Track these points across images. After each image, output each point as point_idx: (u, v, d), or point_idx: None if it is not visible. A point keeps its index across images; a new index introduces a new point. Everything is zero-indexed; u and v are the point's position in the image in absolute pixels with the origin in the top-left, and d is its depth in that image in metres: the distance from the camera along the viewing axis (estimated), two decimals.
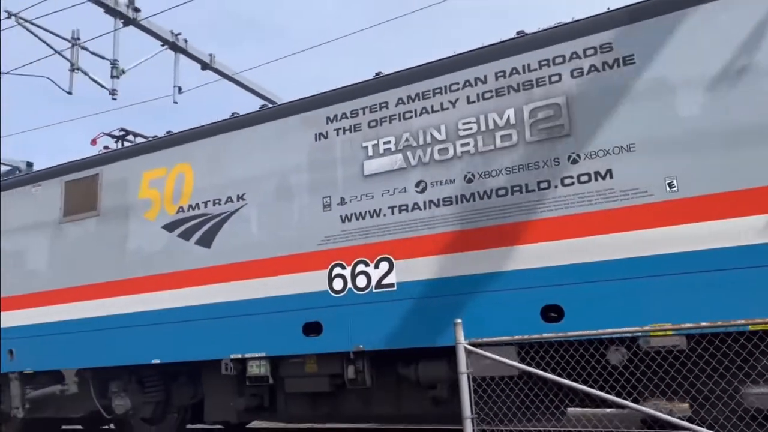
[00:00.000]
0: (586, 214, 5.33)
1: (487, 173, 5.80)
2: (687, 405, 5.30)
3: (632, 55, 5.38)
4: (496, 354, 4.73)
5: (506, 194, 5.68)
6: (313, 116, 6.82)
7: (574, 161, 5.45)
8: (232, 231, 7.07)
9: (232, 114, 7.49)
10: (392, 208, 6.19)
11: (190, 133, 7.75)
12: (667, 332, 4.86)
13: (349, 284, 6.27)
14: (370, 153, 6.41)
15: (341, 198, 6.47)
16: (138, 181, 7.95)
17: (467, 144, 5.93)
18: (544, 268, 5.41)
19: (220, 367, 6.88)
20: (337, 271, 6.36)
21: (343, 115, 6.64)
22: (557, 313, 5.32)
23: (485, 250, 5.67)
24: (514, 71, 5.86)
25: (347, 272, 6.30)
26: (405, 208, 6.13)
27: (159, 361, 7.31)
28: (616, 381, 4.84)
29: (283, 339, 6.53)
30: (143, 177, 7.92)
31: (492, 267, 5.61)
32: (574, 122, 5.51)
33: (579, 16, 5.81)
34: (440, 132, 6.09)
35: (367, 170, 6.38)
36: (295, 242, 6.63)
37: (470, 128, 5.95)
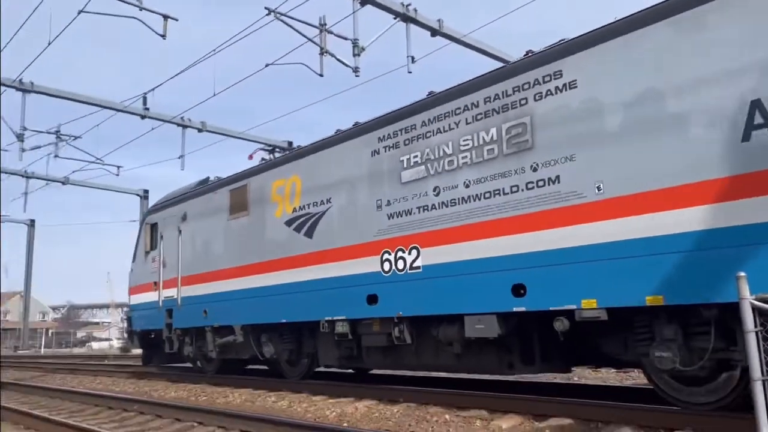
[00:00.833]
0: (541, 212, 6.68)
1: (477, 180, 7.37)
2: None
3: (575, 80, 6.52)
4: None
5: (490, 197, 7.21)
6: (369, 137, 8.89)
7: (534, 169, 6.80)
8: (324, 226, 9.51)
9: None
10: (419, 208, 8.05)
11: (297, 153, 10.33)
12: (592, 305, 6.15)
13: (393, 266, 8.31)
14: (404, 165, 8.31)
15: (387, 200, 8.50)
16: (270, 188, 10.78)
17: (466, 157, 7.54)
18: (512, 255, 6.90)
19: (314, 327, 9.45)
20: (385, 256, 8.44)
21: (388, 136, 8.61)
22: (524, 290, 6.81)
23: (473, 242, 7.30)
24: (496, 97, 7.29)
25: (392, 257, 8.35)
26: (426, 208, 7.95)
27: (285, 320, 10.13)
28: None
29: (356, 307, 8.83)
30: (273, 185, 10.73)
31: (478, 254, 7.23)
32: (535, 137, 6.83)
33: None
34: (448, 147, 7.76)
35: (403, 179, 8.30)
36: (359, 234, 8.84)
37: (468, 144, 7.53)
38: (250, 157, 12.61)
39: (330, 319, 9.27)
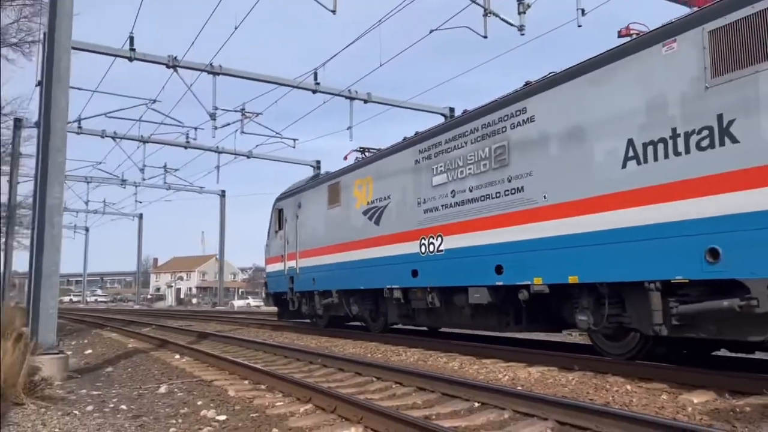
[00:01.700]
0: (513, 213, 9.07)
1: (477, 186, 9.86)
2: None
3: (534, 116, 8.78)
4: None
5: (483, 200, 9.68)
6: (414, 149, 11.62)
7: (509, 180, 9.17)
8: (386, 216, 12.44)
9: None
10: (443, 206, 10.69)
11: (370, 158, 13.34)
12: (539, 282, 8.52)
13: (427, 249, 11.06)
14: (434, 172, 10.96)
15: (424, 199, 11.21)
16: (353, 185, 13.90)
17: (470, 168, 10.04)
18: (495, 243, 9.36)
19: (383, 293, 12.47)
20: (422, 241, 11.20)
21: (425, 149, 11.28)
22: (502, 270, 9.26)
23: (473, 233, 9.83)
24: (489, 124, 9.68)
25: (426, 242, 11.09)
26: (447, 205, 10.57)
27: (363, 287, 13.29)
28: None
29: (405, 279, 11.71)
30: (355, 183, 13.84)
31: (475, 242, 9.76)
32: (510, 157, 9.18)
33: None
34: (460, 161, 10.29)
35: (433, 183, 10.96)
36: (406, 223, 11.66)
37: (471, 158, 10.02)
38: (345, 157, 15.80)
39: (390, 287, 12.25)
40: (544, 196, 8.52)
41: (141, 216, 61.46)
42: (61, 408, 6.44)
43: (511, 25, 12.52)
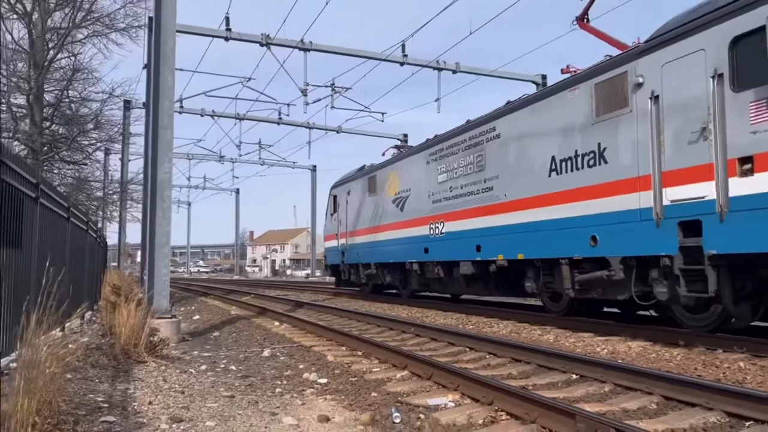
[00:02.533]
0: (486, 206, 12.04)
1: (465, 185, 12.85)
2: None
3: (500, 133, 11.67)
4: None
5: (469, 195, 12.68)
6: (426, 153, 14.70)
7: (484, 181, 12.12)
8: (407, 204, 15.62)
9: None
10: (444, 198, 13.75)
11: (398, 156, 16.52)
12: (501, 258, 11.51)
13: (434, 232, 14.18)
14: (438, 171, 14.00)
15: (432, 192, 14.29)
16: (386, 178, 17.14)
17: (461, 170, 13.03)
18: (476, 228, 12.37)
19: (406, 266, 15.72)
20: (431, 225, 14.31)
21: (432, 153, 14.33)
22: (480, 249, 12.27)
23: (462, 220, 12.87)
24: (475, 136, 12.61)
25: (433, 226, 14.20)
26: (447, 198, 13.63)
27: (393, 261, 16.58)
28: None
29: (420, 255, 14.88)
30: (387, 176, 17.07)
31: (462, 227, 12.79)
32: (486, 163, 12.12)
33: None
34: (455, 164, 13.29)
35: (438, 180, 14.02)
36: (420, 211, 14.80)
37: (462, 162, 13.00)
38: (383, 153, 19.01)
39: (410, 261, 15.47)
40: (505, 194, 11.45)
41: (238, 191, 63.54)
42: (178, 366, 6.91)
43: None
